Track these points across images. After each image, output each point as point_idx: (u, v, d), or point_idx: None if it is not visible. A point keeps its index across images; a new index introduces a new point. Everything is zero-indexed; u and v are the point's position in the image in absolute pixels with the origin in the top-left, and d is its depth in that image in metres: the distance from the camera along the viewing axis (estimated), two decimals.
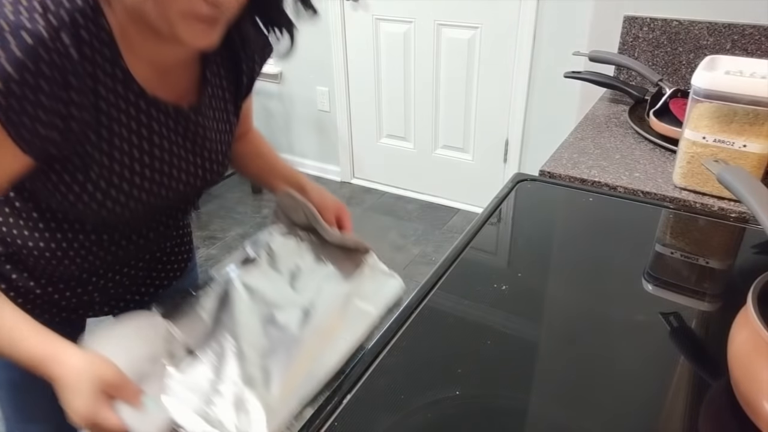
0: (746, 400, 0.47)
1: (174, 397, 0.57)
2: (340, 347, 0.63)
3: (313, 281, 0.74)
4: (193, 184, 0.72)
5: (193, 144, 0.68)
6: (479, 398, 0.53)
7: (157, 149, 0.65)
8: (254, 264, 0.76)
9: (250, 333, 0.65)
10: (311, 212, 0.79)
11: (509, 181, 0.91)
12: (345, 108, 2.85)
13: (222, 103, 0.72)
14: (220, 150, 0.73)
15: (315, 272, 0.76)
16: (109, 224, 0.70)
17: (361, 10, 2.57)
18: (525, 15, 2.21)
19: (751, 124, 0.80)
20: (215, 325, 0.67)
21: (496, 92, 2.43)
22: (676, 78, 1.29)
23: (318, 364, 0.61)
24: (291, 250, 0.79)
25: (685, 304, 0.66)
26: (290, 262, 0.77)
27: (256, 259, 0.76)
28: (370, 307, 0.70)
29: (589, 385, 0.55)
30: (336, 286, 0.74)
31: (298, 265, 0.77)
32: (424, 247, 2.47)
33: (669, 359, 0.58)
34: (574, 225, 0.83)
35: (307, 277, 0.75)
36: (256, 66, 0.76)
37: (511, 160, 2.52)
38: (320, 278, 0.75)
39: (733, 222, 0.80)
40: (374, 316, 0.69)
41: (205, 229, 2.64)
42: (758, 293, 0.49)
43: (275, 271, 0.76)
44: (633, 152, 1.02)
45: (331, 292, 0.72)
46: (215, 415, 0.56)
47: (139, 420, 0.54)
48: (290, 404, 0.57)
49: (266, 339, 0.65)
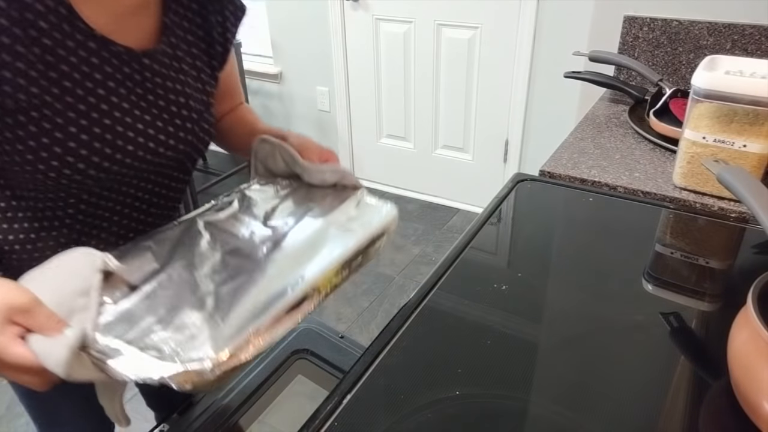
0: (746, 400, 0.47)
1: (104, 328, 0.50)
2: (316, 262, 0.56)
3: (288, 217, 0.66)
4: (157, 151, 0.66)
5: (155, 96, 0.64)
6: (479, 398, 0.53)
7: (115, 97, 0.61)
8: (223, 210, 0.68)
9: (205, 263, 0.58)
10: (288, 152, 0.71)
11: (509, 181, 0.91)
12: (345, 108, 2.85)
13: (189, 58, 0.69)
14: (188, 113, 0.68)
15: (291, 210, 0.67)
16: (84, 210, 0.66)
17: (361, 10, 2.57)
18: (525, 15, 2.21)
19: (751, 124, 0.80)
20: (167, 260, 0.59)
21: (496, 92, 2.43)
22: (676, 78, 1.29)
23: (285, 281, 0.54)
24: (268, 197, 0.71)
25: (685, 304, 0.65)
26: (266, 206, 0.69)
27: (226, 207, 0.69)
28: (355, 226, 0.63)
29: (589, 385, 0.54)
30: (314, 219, 0.65)
31: (274, 207, 0.68)
32: (424, 247, 2.47)
33: (669, 359, 0.58)
34: (574, 225, 0.83)
35: (282, 215, 0.67)
36: (228, 24, 0.73)
37: (511, 160, 2.52)
38: (297, 215, 0.66)
39: (733, 222, 0.80)
40: (360, 235, 0.61)
41: None
42: (758, 293, 0.49)
43: (247, 215, 0.67)
44: (633, 152, 1.02)
45: (308, 223, 0.64)
46: (152, 342, 0.48)
47: (52, 348, 0.45)
48: (244, 324, 0.49)
49: (225, 269, 0.57)
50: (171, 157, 0.68)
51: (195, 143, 0.70)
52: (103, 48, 0.59)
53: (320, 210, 0.67)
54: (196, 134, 0.70)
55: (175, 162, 0.70)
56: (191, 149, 0.71)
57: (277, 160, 0.72)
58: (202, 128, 0.71)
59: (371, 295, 2.16)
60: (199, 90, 0.70)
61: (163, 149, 0.66)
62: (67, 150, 0.59)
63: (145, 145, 0.64)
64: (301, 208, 0.68)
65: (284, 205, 0.69)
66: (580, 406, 0.52)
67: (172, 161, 0.69)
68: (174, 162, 0.70)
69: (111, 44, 0.59)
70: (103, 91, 0.60)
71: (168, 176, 0.72)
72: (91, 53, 0.58)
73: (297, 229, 0.63)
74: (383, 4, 2.51)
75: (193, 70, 0.69)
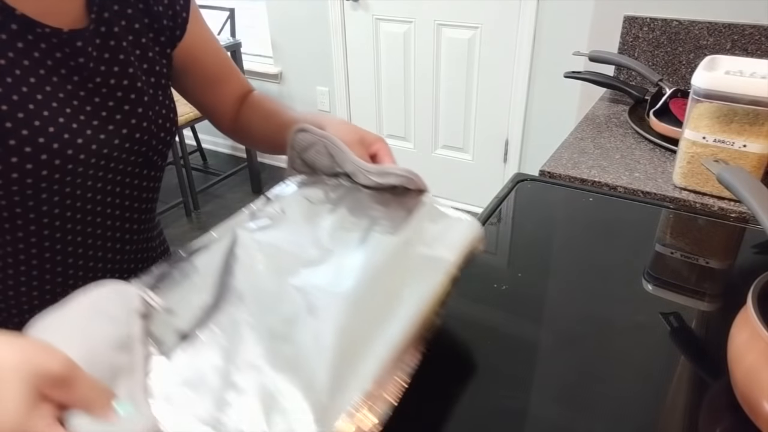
0: (746, 400, 0.47)
1: (164, 399, 0.38)
2: (408, 305, 0.45)
3: (352, 233, 0.53)
4: (111, 144, 0.57)
5: (94, 84, 0.56)
6: (480, 398, 0.53)
7: (49, 86, 0.52)
8: (267, 219, 0.55)
9: (268, 297, 0.45)
10: (336, 146, 0.59)
11: (509, 181, 0.91)
12: (345, 108, 2.85)
13: (130, 34, 0.59)
14: (137, 97, 0.59)
15: (352, 223, 0.55)
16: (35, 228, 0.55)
17: (361, 10, 2.57)
18: (525, 15, 2.21)
19: (751, 124, 0.80)
20: (218, 292, 0.46)
21: (496, 92, 2.43)
22: (676, 78, 1.29)
23: (380, 331, 0.42)
24: (317, 201, 0.58)
25: (685, 304, 0.65)
26: (315, 213, 0.56)
27: (270, 214, 0.56)
28: (441, 250, 0.51)
29: (589, 385, 0.54)
30: (384, 235, 0.53)
31: (326, 216, 0.56)
32: None
33: (669, 359, 0.58)
34: (574, 225, 0.83)
35: (340, 228, 0.54)
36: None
37: (511, 160, 2.52)
38: (361, 229, 0.54)
39: (733, 222, 0.80)
40: (449, 261, 0.50)
41: (206, 229, 2.62)
42: (758, 293, 0.49)
43: (302, 228, 0.54)
44: (633, 152, 1.02)
45: (378, 242, 0.52)
46: (232, 422, 0.36)
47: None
48: (347, 391, 0.38)
49: (293, 304, 0.45)
50: (129, 149, 0.59)
51: (152, 129, 0.61)
52: (27, 30, 0.50)
53: (389, 224, 0.54)
54: (151, 119, 0.61)
55: (136, 156, 0.61)
56: (150, 136, 0.61)
57: (320, 154, 0.61)
58: (158, 112, 0.62)
59: None
60: (147, 71, 0.61)
61: (118, 141, 0.57)
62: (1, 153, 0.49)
63: (92, 142, 0.55)
64: (363, 220, 0.55)
65: (341, 216, 0.56)
66: (580, 406, 0.52)
67: (134, 155, 0.60)
68: (135, 156, 0.61)
69: (36, 25, 0.51)
70: (34, 80, 0.50)
71: (135, 175, 0.62)
72: (14, 36, 0.49)
73: (369, 251, 0.51)
74: (383, 4, 2.51)
75: (137, 48, 0.60)
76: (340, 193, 0.59)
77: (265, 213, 0.56)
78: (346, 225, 0.55)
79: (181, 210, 2.73)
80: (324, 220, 0.55)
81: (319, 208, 0.57)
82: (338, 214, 0.56)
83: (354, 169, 0.59)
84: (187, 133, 3.13)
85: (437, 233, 0.54)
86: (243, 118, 0.75)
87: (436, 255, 0.51)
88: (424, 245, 0.52)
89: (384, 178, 0.58)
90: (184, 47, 0.67)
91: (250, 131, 0.75)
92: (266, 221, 0.55)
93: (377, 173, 0.58)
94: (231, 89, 0.76)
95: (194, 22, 0.68)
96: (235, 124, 0.76)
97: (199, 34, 0.69)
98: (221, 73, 0.74)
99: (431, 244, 0.52)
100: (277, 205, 0.57)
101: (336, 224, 0.54)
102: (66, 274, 0.61)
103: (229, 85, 0.75)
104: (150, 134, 0.62)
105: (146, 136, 0.61)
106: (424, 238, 0.53)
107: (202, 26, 0.70)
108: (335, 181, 0.62)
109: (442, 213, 0.57)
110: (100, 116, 0.56)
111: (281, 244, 0.51)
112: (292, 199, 0.58)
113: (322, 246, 0.51)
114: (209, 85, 0.73)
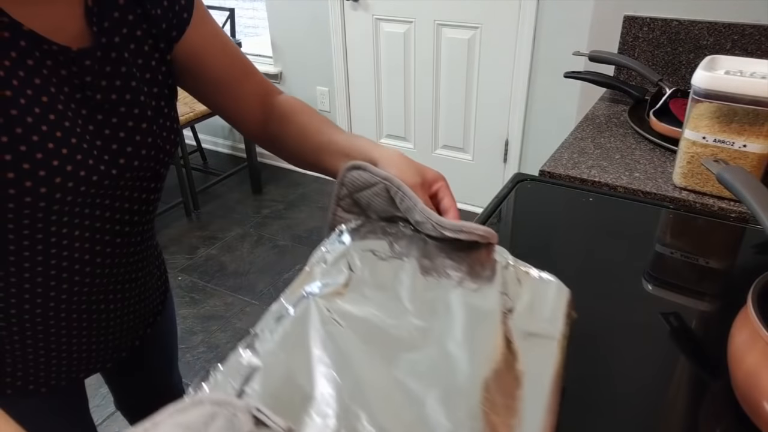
0: (746, 401, 0.47)
1: None
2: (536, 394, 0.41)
3: (437, 300, 0.48)
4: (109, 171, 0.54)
5: (103, 107, 0.54)
6: None
7: (61, 105, 0.50)
8: (337, 281, 0.49)
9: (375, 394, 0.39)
10: (402, 192, 0.53)
11: (509, 181, 0.91)
12: (345, 108, 2.85)
13: (132, 43, 0.56)
14: (147, 118, 0.57)
15: (432, 284, 0.50)
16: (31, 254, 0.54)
17: (361, 10, 2.57)
18: (525, 15, 2.21)
19: (751, 124, 0.80)
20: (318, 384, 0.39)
21: (496, 92, 2.43)
22: (676, 78, 1.29)
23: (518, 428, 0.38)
24: (383, 255, 0.53)
25: (685, 304, 0.65)
26: (387, 272, 0.51)
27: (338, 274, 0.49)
28: (544, 325, 0.47)
29: (589, 385, 0.54)
30: (475, 301, 0.48)
31: (400, 276, 0.50)
32: None
33: (669, 359, 0.58)
34: (574, 225, 0.83)
35: (423, 292, 0.49)
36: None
37: (511, 160, 2.52)
38: (445, 293, 0.49)
39: (733, 222, 0.80)
40: (555, 337, 0.46)
41: (205, 230, 2.64)
42: (758, 293, 0.49)
43: (371, 288, 0.49)
44: (633, 152, 1.02)
45: (474, 314, 0.47)
46: None
47: None
48: None
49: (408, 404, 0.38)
50: (136, 167, 0.58)
51: (158, 144, 0.60)
52: (35, 46, 0.48)
53: (474, 286, 0.50)
54: (156, 133, 0.59)
55: (144, 171, 0.60)
56: (156, 151, 0.60)
57: (378, 197, 0.55)
58: (162, 125, 0.60)
59: None
60: (150, 81, 0.59)
61: (124, 160, 0.56)
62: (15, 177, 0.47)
63: (101, 163, 0.53)
64: (443, 280, 0.50)
65: (415, 274, 0.51)
66: (580, 405, 0.52)
67: (141, 170, 0.59)
68: (143, 171, 0.60)
69: (43, 42, 0.48)
70: (46, 99, 0.48)
71: (141, 188, 0.62)
72: (24, 54, 0.47)
73: (468, 327, 0.45)
74: (383, 4, 2.51)
75: (139, 58, 0.57)
76: (405, 244, 0.54)
77: (331, 272, 0.50)
78: (428, 288, 0.50)
79: (181, 210, 2.73)
80: (400, 283, 0.50)
81: (388, 265, 0.52)
82: (412, 271, 0.51)
83: (423, 219, 0.53)
84: (187, 133, 3.13)
85: (530, 301, 0.50)
86: (274, 128, 0.69)
87: (542, 331, 0.47)
88: (524, 318, 0.48)
89: (459, 234, 0.53)
90: (186, 48, 0.64)
91: (284, 146, 0.68)
92: (337, 285, 0.49)
93: (452, 230, 0.53)
94: (248, 91, 0.70)
95: (200, 22, 0.64)
96: (265, 133, 0.71)
97: (202, 33, 0.65)
98: (233, 73, 0.69)
99: (530, 316, 0.48)
100: (342, 262, 0.51)
101: (415, 286, 0.49)
102: (71, 286, 0.60)
103: (246, 86, 0.70)
104: (156, 149, 0.60)
105: (153, 151, 0.59)
106: (520, 308, 0.49)
107: (206, 25, 0.66)
108: (394, 227, 0.56)
109: (525, 273, 0.53)
110: (104, 135, 0.55)
111: (367, 317, 0.46)
112: (355, 254, 0.52)
113: (410, 319, 0.46)
114: (222, 87, 0.68)
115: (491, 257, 0.53)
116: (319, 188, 3.00)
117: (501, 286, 0.50)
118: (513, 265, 0.53)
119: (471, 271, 0.52)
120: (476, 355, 0.43)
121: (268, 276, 2.32)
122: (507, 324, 0.46)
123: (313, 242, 2.52)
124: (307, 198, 2.93)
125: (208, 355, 1.91)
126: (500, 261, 0.53)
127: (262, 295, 2.21)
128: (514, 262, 0.53)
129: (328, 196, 2.91)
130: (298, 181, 3.07)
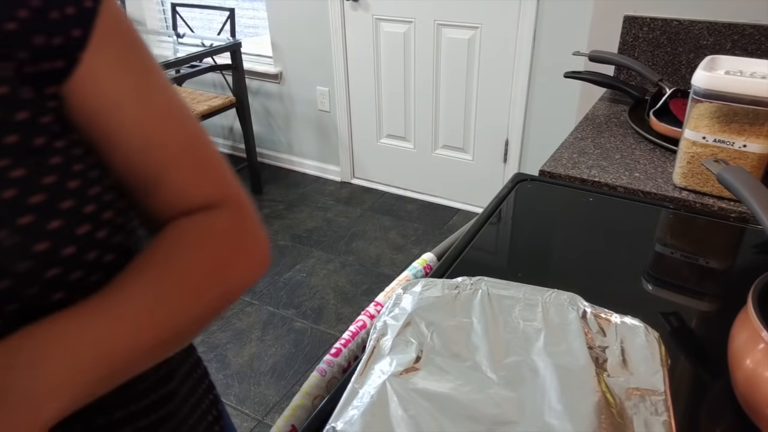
0: (746, 401, 0.47)
1: None
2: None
3: (521, 365, 0.45)
4: None
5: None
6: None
7: None
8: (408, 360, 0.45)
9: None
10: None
11: (509, 181, 0.91)
12: (345, 108, 2.85)
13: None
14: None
15: (509, 347, 0.46)
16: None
17: (361, 10, 2.57)
18: (525, 15, 2.21)
19: (751, 124, 0.80)
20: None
21: (496, 92, 2.43)
22: (676, 78, 1.29)
23: None
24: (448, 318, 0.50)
25: (685, 304, 0.65)
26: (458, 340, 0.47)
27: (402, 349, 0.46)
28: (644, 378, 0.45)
29: None
30: (560, 362, 0.45)
31: (473, 341, 0.47)
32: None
33: (669, 359, 0.58)
34: (574, 225, 0.83)
35: (503, 360, 0.45)
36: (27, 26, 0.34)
37: (511, 160, 2.52)
38: (523, 354, 0.46)
39: (733, 222, 0.80)
40: (662, 391, 0.44)
41: None
42: (758, 293, 0.49)
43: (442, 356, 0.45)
44: (633, 152, 1.02)
45: (560, 375, 0.43)
46: None
47: None
48: None
49: None
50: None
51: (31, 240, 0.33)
52: None
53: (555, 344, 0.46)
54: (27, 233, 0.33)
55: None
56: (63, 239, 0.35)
57: None
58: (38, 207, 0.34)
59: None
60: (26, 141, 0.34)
61: None
62: None
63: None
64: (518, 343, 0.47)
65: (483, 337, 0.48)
66: None
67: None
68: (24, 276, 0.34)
69: None
70: None
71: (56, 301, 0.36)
72: None
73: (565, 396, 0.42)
74: (383, 4, 2.51)
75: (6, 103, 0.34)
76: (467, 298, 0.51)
77: (398, 345, 0.47)
78: (507, 351, 0.45)
79: None
80: (475, 348, 0.46)
81: (456, 328, 0.48)
82: (483, 332, 0.47)
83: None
84: None
85: (620, 352, 0.46)
86: None
87: (646, 387, 0.44)
88: (621, 373, 0.45)
89: None
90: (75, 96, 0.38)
91: None
92: (409, 360, 0.45)
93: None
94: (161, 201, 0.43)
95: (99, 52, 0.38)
96: None
97: (102, 78, 0.38)
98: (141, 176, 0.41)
99: (627, 370, 0.45)
100: (407, 332, 0.48)
101: (493, 351, 0.45)
102: None
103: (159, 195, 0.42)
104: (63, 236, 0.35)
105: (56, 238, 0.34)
106: (612, 362, 0.45)
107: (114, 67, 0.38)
108: (453, 283, 0.54)
109: (606, 320, 0.50)
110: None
111: (449, 394, 0.42)
112: (419, 320, 0.49)
113: (498, 390, 0.42)
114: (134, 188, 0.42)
115: (565, 306, 0.50)
116: (319, 188, 3.01)
117: (585, 339, 0.47)
118: (592, 312, 0.51)
119: (547, 323, 0.49)
120: (581, 426, 0.39)
121: (268, 276, 2.32)
122: (604, 383, 0.43)
123: (313, 242, 2.52)
124: (307, 198, 2.93)
125: (208, 355, 1.91)
126: (577, 309, 0.51)
127: (262, 295, 2.21)
128: (591, 308, 0.51)
129: (327, 196, 2.92)
130: (298, 181, 3.07)
